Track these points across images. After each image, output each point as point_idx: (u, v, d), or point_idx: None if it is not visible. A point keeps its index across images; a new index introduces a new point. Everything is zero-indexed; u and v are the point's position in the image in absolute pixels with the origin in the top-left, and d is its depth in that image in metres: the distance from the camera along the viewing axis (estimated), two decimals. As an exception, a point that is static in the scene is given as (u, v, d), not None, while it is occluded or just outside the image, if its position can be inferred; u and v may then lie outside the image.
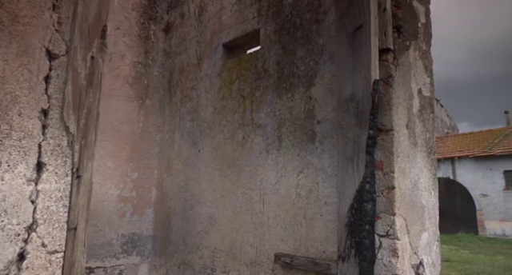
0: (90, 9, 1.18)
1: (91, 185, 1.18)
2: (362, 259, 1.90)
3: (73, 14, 1.16)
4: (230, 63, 3.35)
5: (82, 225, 1.13)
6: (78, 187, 1.12)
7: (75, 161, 1.12)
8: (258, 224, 2.87)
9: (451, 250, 13.88)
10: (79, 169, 1.13)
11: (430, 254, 2.09)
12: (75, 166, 1.13)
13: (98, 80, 1.22)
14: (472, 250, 13.65)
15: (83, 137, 1.13)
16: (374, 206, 1.94)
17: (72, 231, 1.10)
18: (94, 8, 1.19)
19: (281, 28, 2.94)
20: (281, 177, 2.76)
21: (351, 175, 2.01)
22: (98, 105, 1.21)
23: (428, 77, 2.28)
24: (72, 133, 1.11)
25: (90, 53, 1.19)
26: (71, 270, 1.07)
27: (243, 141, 3.10)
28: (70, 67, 1.13)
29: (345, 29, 2.13)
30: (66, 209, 1.09)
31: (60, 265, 1.05)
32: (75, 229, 1.11)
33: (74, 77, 1.13)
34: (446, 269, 9.68)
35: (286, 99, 2.82)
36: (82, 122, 1.13)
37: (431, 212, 2.14)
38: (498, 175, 16.27)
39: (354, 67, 2.06)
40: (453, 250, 13.87)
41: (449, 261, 10.99)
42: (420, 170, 2.11)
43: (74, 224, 1.11)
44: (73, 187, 1.10)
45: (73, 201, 1.10)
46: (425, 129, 2.19)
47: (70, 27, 1.16)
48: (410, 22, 2.18)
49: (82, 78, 1.16)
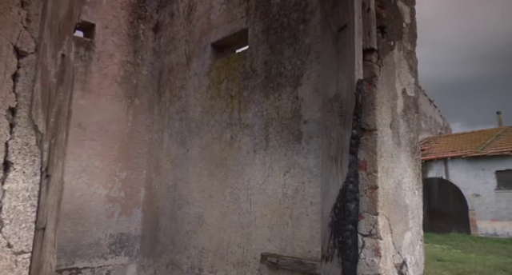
0: (61, 6, 1.17)
1: (62, 185, 1.16)
2: (345, 259, 1.91)
3: (42, 11, 1.14)
4: (218, 63, 3.34)
5: (51, 225, 1.11)
6: (47, 186, 1.10)
7: (44, 161, 1.11)
8: (245, 224, 2.86)
9: (444, 250, 13.97)
10: (48, 168, 1.12)
11: (414, 253, 2.09)
12: (44, 165, 1.11)
13: (69, 78, 1.20)
14: (464, 250, 13.74)
15: (53, 136, 1.12)
16: (357, 206, 1.94)
17: (40, 231, 1.08)
18: (64, 5, 1.18)
19: (268, 28, 2.94)
20: (268, 177, 2.76)
21: (335, 175, 2.01)
22: (69, 103, 1.19)
23: (413, 77, 2.28)
24: (41, 132, 1.09)
25: (61, 50, 1.18)
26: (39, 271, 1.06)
27: (231, 141, 3.10)
28: (39, 65, 1.11)
29: (329, 29, 2.13)
30: (35, 208, 1.07)
31: (27, 265, 1.03)
32: (44, 229, 1.09)
33: (44, 75, 1.12)
34: (438, 269, 9.74)
35: (273, 99, 2.82)
36: (52, 121, 1.12)
37: (415, 211, 2.15)
38: (490, 175, 16.41)
39: (339, 67, 2.06)
40: (445, 250, 13.96)
41: (441, 261, 11.04)
42: (404, 170, 2.11)
43: (42, 224, 1.09)
44: (42, 187, 1.08)
45: (42, 201, 1.08)
46: (409, 129, 2.20)
47: (39, 24, 1.14)
48: (395, 23, 2.19)
49: (52, 76, 1.14)
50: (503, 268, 9.92)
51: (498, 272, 9.44)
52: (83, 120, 3.53)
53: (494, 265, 10.37)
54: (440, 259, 11.27)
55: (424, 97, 21.58)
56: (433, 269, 9.47)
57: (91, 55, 3.59)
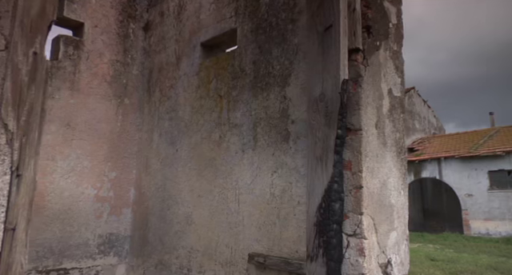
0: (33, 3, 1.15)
1: (34, 184, 1.14)
2: (330, 258, 1.91)
3: (13, 8, 1.12)
4: (207, 62, 3.33)
5: (22, 225, 1.10)
6: (17, 186, 1.08)
7: (15, 160, 1.09)
8: (233, 223, 2.86)
9: (437, 249, 14.05)
10: (19, 167, 1.10)
11: (399, 253, 2.10)
12: (15, 165, 1.09)
13: (41, 76, 1.18)
14: (457, 249, 13.83)
15: (24, 135, 1.10)
16: (341, 206, 1.94)
17: (10, 231, 1.07)
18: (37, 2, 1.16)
19: (257, 27, 2.94)
20: (256, 177, 2.76)
21: (320, 175, 2.01)
22: (42, 102, 1.17)
23: (399, 77, 2.29)
24: (11, 131, 1.08)
25: (33, 48, 1.16)
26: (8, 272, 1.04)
27: (220, 141, 3.09)
28: (9, 63, 1.10)
29: (315, 29, 2.13)
30: (4, 208, 1.05)
31: (-5, 266, 1.02)
32: (14, 229, 1.08)
33: (14, 74, 1.10)
34: (430, 268, 9.79)
35: (261, 98, 2.82)
36: (23, 120, 1.10)
37: (400, 211, 2.15)
38: (483, 175, 16.53)
39: (324, 67, 2.06)
40: (438, 249, 14.04)
41: (434, 260, 11.10)
42: (389, 170, 2.12)
43: (12, 224, 1.07)
44: (12, 186, 1.07)
45: (12, 201, 1.06)
46: (395, 129, 2.20)
47: (9, 21, 1.12)
48: (381, 23, 2.19)
49: (23, 74, 1.12)
50: (494, 267, 10.00)
51: (489, 271, 9.51)
52: (72, 119, 3.50)
53: (485, 264, 10.44)
54: (433, 259, 11.33)
55: (418, 97, 21.70)
56: (425, 269, 9.52)
57: (80, 54, 3.57)
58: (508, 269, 9.82)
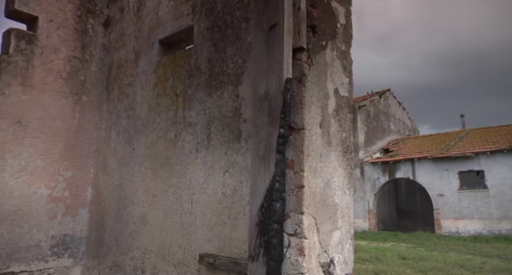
0: None
1: None
2: (270, 258, 1.89)
3: None
4: (165, 60, 3.27)
5: None
6: None
7: None
8: (186, 224, 2.82)
9: (409, 248, 14.36)
10: None
11: (342, 252, 2.11)
12: None
13: None
14: (428, 248, 14.18)
15: None
16: (283, 205, 1.93)
17: None
18: None
19: (213, 25, 2.91)
20: (208, 176, 2.73)
21: (263, 174, 1.99)
22: None
23: (347, 77, 2.30)
24: None
25: None
26: None
27: (175, 140, 3.04)
28: None
29: (261, 28, 2.12)
30: None
31: None
32: None
33: None
34: (401, 267, 10.00)
35: (215, 97, 2.79)
36: None
37: (345, 210, 2.16)
38: (454, 175, 17.02)
39: (269, 65, 2.05)
40: (410, 248, 14.36)
41: (405, 259, 11.34)
42: (334, 169, 2.13)
43: None
44: None
45: None
46: (341, 128, 2.21)
47: None
48: (328, 22, 2.20)
49: None
50: (461, 264, 10.30)
51: (456, 268, 9.79)
52: (24, 116, 3.38)
53: (453, 261, 10.75)
54: (404, 257, 11.58)
55: (393, 99, 22.17)
56: (396, 268, 9.71)
57: (34, 49, 3.45)
58: (473, 265, 10.14)
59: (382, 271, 9.17)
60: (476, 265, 10.29)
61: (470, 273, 9.31)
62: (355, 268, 8.25)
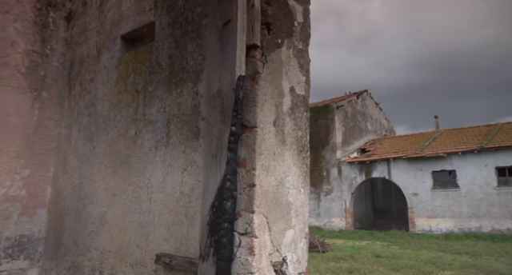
0: None
1: None
2: (220, 258, 1.87)
3: None
4: (127, 56, 3.20)
5: None
6: None
7: None
8: (144, 223, 2.76)
9: (383, 246, 14.63)
10: None
11: (296, 251, 2.10)
12: None
13: None
14: (401, 246, 14.48)
15: None
16: (233, 204, 1.91)
17: None
18: None
19: (174, 21, 2.85)
20: (167, 175, 2.68)
21: (214, 172, 1.97)
22: None
23: (303, 76, 2.30)
24: None
25: None
26: None
27: (135, 138, 2.98)
28: None
29: (215, 24, 2.09)
30: None
31: None
32: None
33: None
34: (375, 265, 10.15)
35: (175, 94, 2.74)
36: None
37: (299, 209, 2.16)
38: (427, 175, 17.44)
39: (222, 62, 2.02)
40: (384, 246, 14.62)
41: (379, 257, 11.52)
42: (288, 168, 2.12)
43: None
44: None
45: None
46: (296, 127, 2.21)
47: None
48: (284, 20, 2.19)
49: None
50: (432, 261, 10.56)
51: (428, 265, 10.02)
52: (-23, 112, 3.23)
53: (425, 259, 11.01)
54: (378, 255, 11.77)
55: (371, 100, 22.53)
56: (370, 266, 9.86)
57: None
58: (443, 262, 10.41)
59: (356, 269, 9.29)
60: (446, 261, 10.57)
61: (439, 269, 9.55)
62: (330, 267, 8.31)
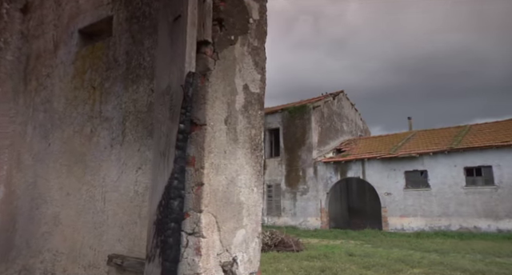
0: None
1: None
2: (166, 258, 1.82)
3: None
4: (84, 51, 3.10)
5: None
6: None
7: None
8: (98, 223, 2.67)
9: (356, 245, 14.86)
10: None
11: (247, 251, 2.08)
12: None
13: None
14: (374, 244, 14.75)
15: None
16: (181, 203, 1.86)
17: None
18: None
19: (132, 16, 2.78)
20: (121, 174, 2.60)
21: (162, 171, 1.92)
22: None
23: (258, 73, 2.28)
24: None
25: None
26: None
27: (91, 135, 2.88)
28: None
29: (166, 19, 2.04)
30: None
31: None
32: None
33: None
34: (347, 263, 10.27)
35: (131, 91, 2.67)
36: None
37: (252, 209, 2.14)
38: (400, 175, 17.84)
39: (172, 58, 1.97)
40: (358, 245, 14.86)
41: (352, 256, 11.67)
42: (240, 167, 2.09)
43: None
44: None
45: None
46: (250, 125, 2.18)
47: None
48: (238, 17, 2.16)
49: None
50: (402, 260, 10.78)
51: (398, 263, 10.22)
52: None
53: (396, 257, 11.23)
54: (351, 254, 11.93)
55: (347, 101, 22.87)
56: (342, 264, 9.98)
57: None
58: (413, 260, 10.65)
59: (328, 268, 9.38)
60: (415, 259, 10.82)
61: (409, 267, 9.76)
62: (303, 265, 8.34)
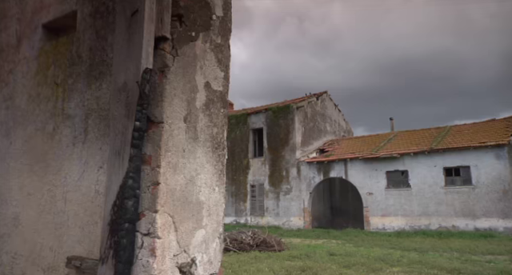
0: None
1: None
2: (119, 260, 1.77)
3: None
4: (47, 46, 3.00)
5: None
6: None
7: None
8: (58, 224, 2.59)
9: (338, 245, 14.97)
10: None
11: (207, 252, 2.04)
12: None
13: None
14: (356, 244, 14.87)
15: None
16: (136, 203, 1.81)
17: None
18: None
19: (96, 11, 2.70)
20: (83, 173, 2.53)
21: (117, 170, 1.86)
22: None
23: (222, 71, 2.24)
24: None
25: None
26: None
27: (53, 133, 2.79)
28: None
29: (124, 14, 1.99)
30: None
31: None
32: None
33: None
34: (328, 263, 10.31)
35: (94, 88, 2.59)
36: None
37: (213, 208, 2.10)
38: (382, 175, 18.04)
39: (129, 54, 1.92)
40: (339, 244, 14.96)
41: (333, 255, 11.73)
42: (200, 166, 2.05)
43: None
44: None
45: None
46: (211, 123, 2.15)
47: None
48: (200, 13, 2.12)
49: None
50: (382, 258, 10.89)
51: (378, 262, 10.32)
52: None
53: (376, 256, 11.33)
54: (332, 253, 11.99)
55: (330, 101, 23.03)
56: (323, 264, 10.01)
57: None
58: (393, 259, 10.78)
59: (309, 267, 9.40)
60: (395, 258, 10.94)
61: (388, 266, 9.86)
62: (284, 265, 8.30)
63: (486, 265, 9.53)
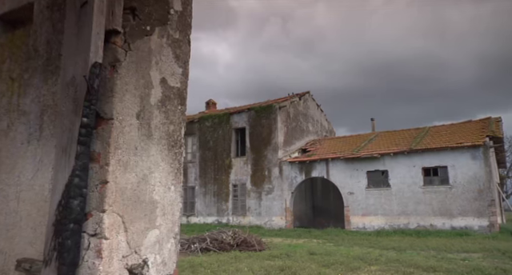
0: None
1: None
2: (62, 262, 1.69)
3: None
4: (3, 39, 2.88)
5: None
6: None
7: None
8: (10, 225, 2.48)
9: (319, 244, 15.06)
10: None
11: (161, 252, 1.98)
12: None
13: None
14: (336, 243, 15.00)
15: None
16: (82, 203, 1.74)
17: None
18: None
19: (53, 3, 2.60)
20: (37, 171, 2.42)
21: (63, 168, 1.78)
22: None
23: (180, 67, 2.18)
24: None
25: None
26: None
27: (8, 130, 2.68)
28: None
29: (74, 5, 1.90)
30: None
31: None
32: None
33: None
34: (307, 262, 10.35)
35: (50, 83, 2.49)
36: None
37: (168, 208, 2.04)
38: (362, 175, 18.25)
39: (77, 48, 1.84)
40: (320, 244, 15.06)
41: (313, 254, 11.79)
42: (154, 164, 1.99)
43: None
44: None
45: None
46: (168, 120, 2.08)
47: None
48: (155, 7, 2.05)
49: None
50: (361, 257, 11.00)
51: (356, 261, 10.41)
52: None
53: (355, 255, 11.44)
54: (313, 253, 12.04)
55: (312, 101, 23.16)
56: (302, 263, 10.04)
57: None
58: (371, 258, 10.89)
59: (288, 267, 9.40)
60: (373, 257, 11.06)
61: (367, 264, 9.96)
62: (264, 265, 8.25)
63: (461, 262, 9.73)
